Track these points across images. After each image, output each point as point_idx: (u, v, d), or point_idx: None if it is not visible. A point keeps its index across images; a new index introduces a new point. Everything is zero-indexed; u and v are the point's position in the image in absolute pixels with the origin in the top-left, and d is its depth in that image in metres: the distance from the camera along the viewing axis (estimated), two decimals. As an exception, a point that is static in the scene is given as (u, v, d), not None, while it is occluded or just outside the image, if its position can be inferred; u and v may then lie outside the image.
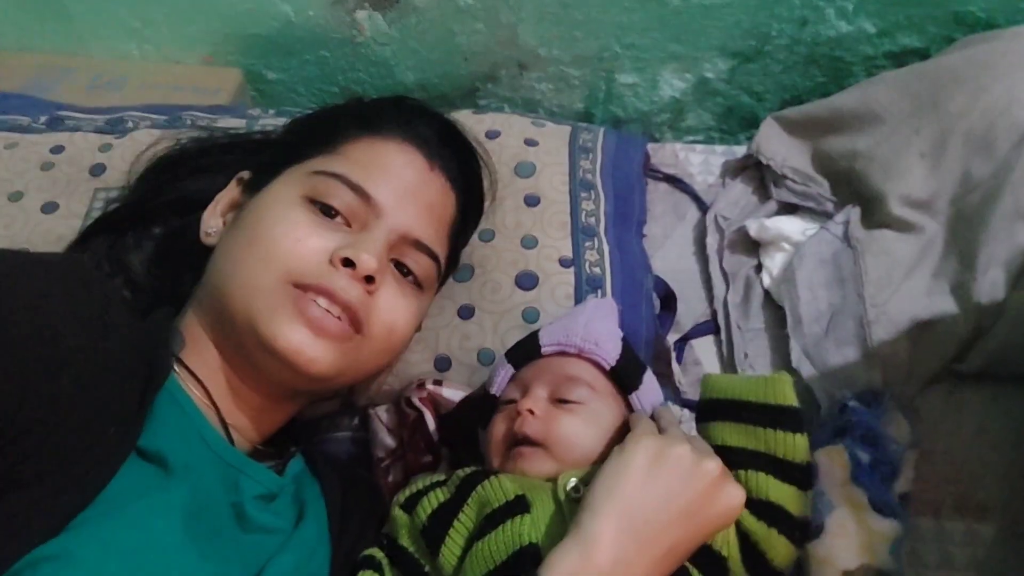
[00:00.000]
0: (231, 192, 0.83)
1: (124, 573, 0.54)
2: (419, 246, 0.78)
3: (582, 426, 0.75)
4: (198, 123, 1.10)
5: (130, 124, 1.12)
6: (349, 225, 0.74)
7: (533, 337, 0.82)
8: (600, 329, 0.82)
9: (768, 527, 0.68)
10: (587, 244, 0.99)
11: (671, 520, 0.61)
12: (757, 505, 0.68)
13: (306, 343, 0.69)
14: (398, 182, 0.77)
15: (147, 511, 0.58)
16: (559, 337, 0.80)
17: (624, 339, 0.82)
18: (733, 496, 0.65)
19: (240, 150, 0.94)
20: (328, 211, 0.74)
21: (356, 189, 0.74)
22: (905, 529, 0.77)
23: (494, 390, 0.81)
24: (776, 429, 0.69)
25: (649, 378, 0.82)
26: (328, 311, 0.70)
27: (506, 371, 0.82)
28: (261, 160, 0.84)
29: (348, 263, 0.71)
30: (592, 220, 1.01)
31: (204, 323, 0.75)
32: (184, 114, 1.13)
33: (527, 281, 0.95)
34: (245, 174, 0.84)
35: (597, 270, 0.97)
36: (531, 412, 0.74)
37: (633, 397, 0.79)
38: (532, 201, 1.01)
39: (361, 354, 0.75)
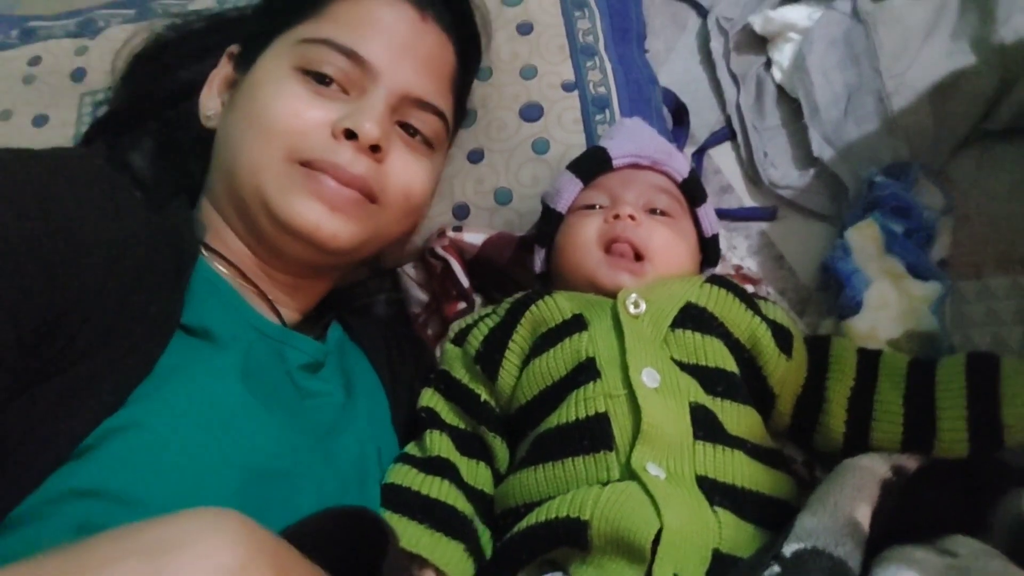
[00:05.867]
0: (223, 69, 0.79)
1: (194, 432, 0.55)
2: (422, 104, 0.75)
3: (678, 240, 0.73)
4: (170, 10, 1.05)
5: (101, 23, 1.08)
6: (347, 92, 0.71)
7: (599, 150, 0.78)
8: (663, 142, 0.80)
9: None
10: (588, 64, 0.95)
11: None
12: None
13: (324, 219, 0.68)
14: (390, 39, 0.72)
15: (204, 373, 0.59)
16: (630, 149, 0.77)
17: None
18: None
19: (219, 30, 0.91)
20: (322, 79, 0.70)
21: (347, 53, 0.70)
22: (946, 289, 0.76)
23: (560, 206, 0.78)
24: None
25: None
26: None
27: (575, 185, 0.78)
28: (248, 32, 0.80)
29: (351, 135, 0.68)
30: (590, 39, 0.97)
31: (220, 208, 0.74)
32: (153, 3, 1.09)
33: (532, 112, 0.93)
34: (234, 48, 0.80)
35: (602, 89, 0.94)
36: (632, 218, 0.71)
37: (700, 212, 0.78)
38: (525, 29, 0.97)
39: (382, 221, 0.74)
